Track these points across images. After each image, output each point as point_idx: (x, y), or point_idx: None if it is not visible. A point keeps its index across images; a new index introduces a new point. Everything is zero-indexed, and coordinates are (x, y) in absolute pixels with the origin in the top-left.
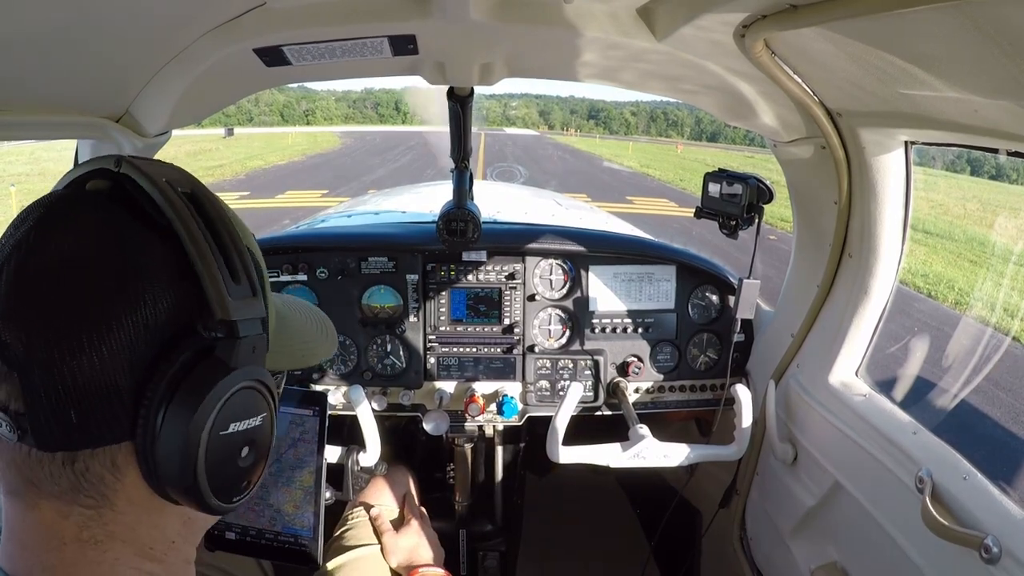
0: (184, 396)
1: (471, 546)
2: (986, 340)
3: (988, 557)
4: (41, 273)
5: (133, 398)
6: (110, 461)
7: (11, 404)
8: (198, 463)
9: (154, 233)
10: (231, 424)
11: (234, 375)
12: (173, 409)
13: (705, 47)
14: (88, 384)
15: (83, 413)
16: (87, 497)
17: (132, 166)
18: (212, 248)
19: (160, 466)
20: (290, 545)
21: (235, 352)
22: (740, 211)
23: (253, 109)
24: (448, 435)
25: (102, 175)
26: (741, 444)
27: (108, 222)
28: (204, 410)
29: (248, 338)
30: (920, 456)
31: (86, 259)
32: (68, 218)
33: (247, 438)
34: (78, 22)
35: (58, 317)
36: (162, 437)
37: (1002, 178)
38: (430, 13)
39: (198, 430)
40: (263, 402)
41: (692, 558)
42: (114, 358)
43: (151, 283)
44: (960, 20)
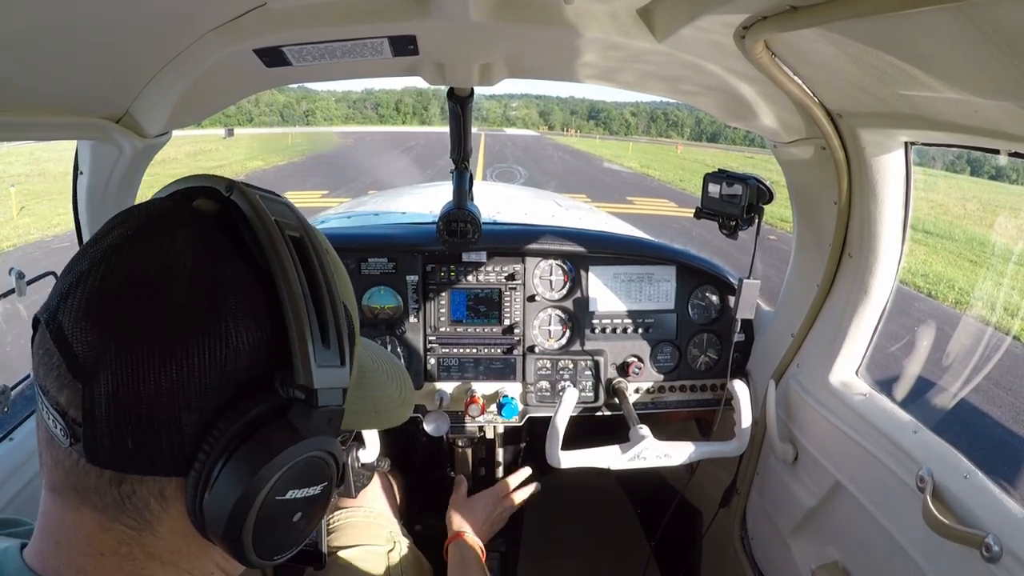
0: (247, 454)
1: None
2: (986, 339)
3: (989, 556)
4: (127, 285)
5: (194, 438)
6: (158, 491)
7: (70, 411)
8: (246, 523)
9: (251, 271)
10: (289, 491)
11: (304, 444)
12: (234, 463)
13: (705, 48)
14: (150, 413)
15: (139, 440)
16: (129, 518)
17: (243, 195)
18: (307, 303)
19: (208, 515)
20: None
21: (310, 420)
22: (740, 211)
23: (253, 109)
24: (448, 436)
25: (210, 195)
26: (742, 440)
27: (208, 247)
28: (265, 474)
29: (327, 408)
30: (921, 455)
31: (176, 279)
32: (168, 232)
33: (303, 505)
34: (78, 23)
35: (137, 338)
36: (216, 488)
37: (1002, 178)
38: (430, 13)
39: (255, 492)
40: (327, 471)
41: (692, 558)
42: (183, 391)
43: (237, 322)
44: (960, 21)
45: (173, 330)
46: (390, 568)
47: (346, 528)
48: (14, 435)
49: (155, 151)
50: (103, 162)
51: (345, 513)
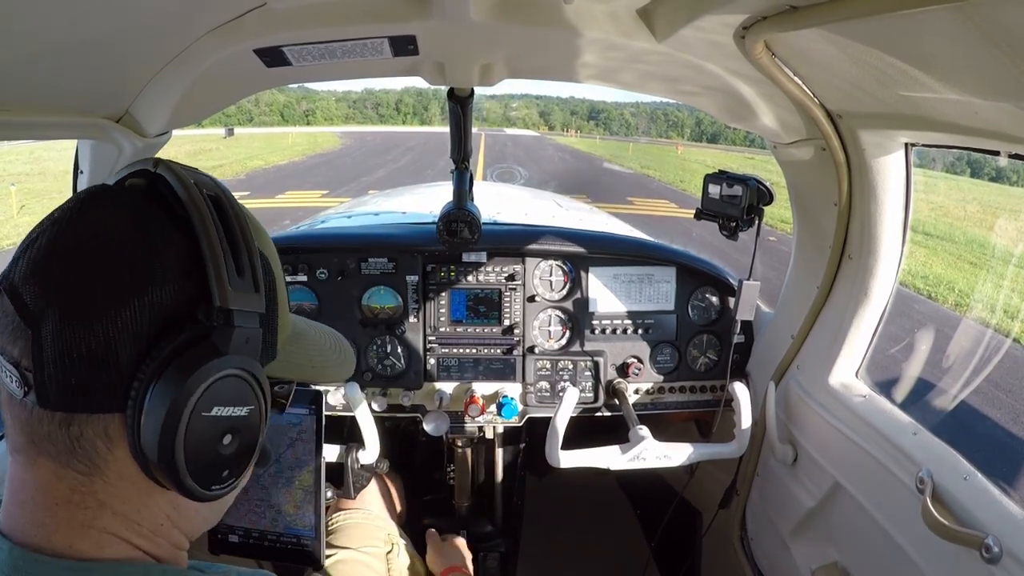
0: (172, 373)
1: (471, 547)
2: (986, 341)
3: (989, 557)
4: (70, 246)
5: (130, 372)
6: (103, 430)
7: (22, 360)
8: (176, 438)
9: (176, 227)
10: (215, 407)
11: (222, 360)
12: (161, 385)
13: (705, 48)
14: (91, 352)
15: (82, 378)
16: (80, 463)
17: (167, 167)
18: (223, 243)
19: (143, 442)
20: (292, 546)
21: (228, 340)
22: (740, 212)
23: (253, 109)
24: (448, 436)
25: (141, 175)
26: (741, 442)
27: (136, 211)
28: (188, 388)
29: (243, 328)
30: (920, 456)
31: (110, 240)
32: (102, 204)
33: (230, 425)
34: (78, 23)
35: (76, 287)
36: (148, 412)
37: (1002, 180)
38: (430, 14)
39: (180, 406)
40: (251, 394)
41: (692, 559)
42: (119, 332)
43: (164, 269)
44: (960, 21)
45: (108, 276)
46: (389, 569)
47: (345, 529)
48: None
49: (155, 151)
50: (103, 161)
51: (344, 515)
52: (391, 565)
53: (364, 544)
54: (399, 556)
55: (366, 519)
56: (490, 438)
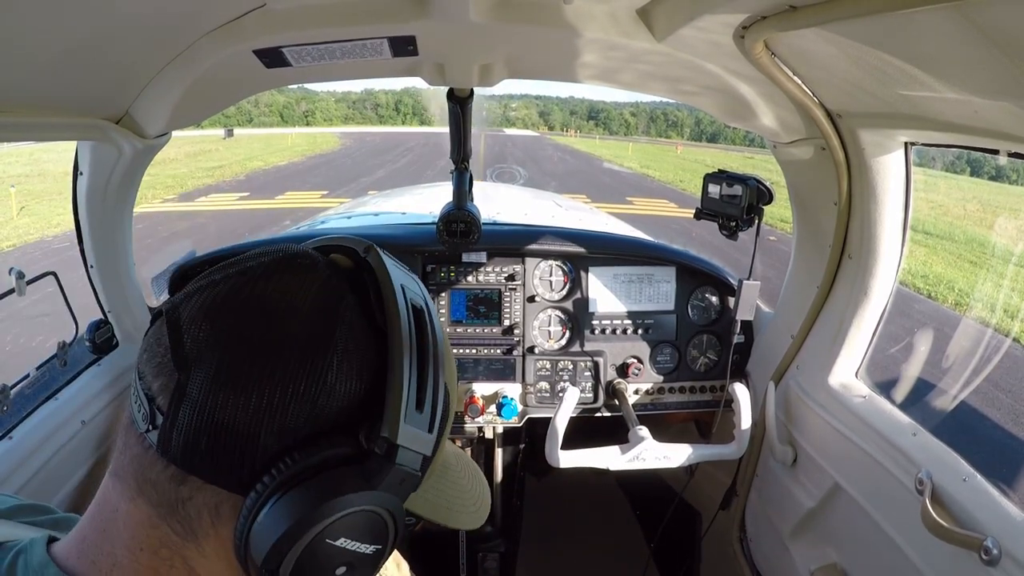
0: (314, 486)
1: (471, 547)
2: (986, 341)
3: (988, 559)
4: (254, 303)
5: (266, 460)
6: (215, 504)
7: (158, 397)
8: (288, 556)
9: (367, 324)
10: (342, 538)
11: (371, 495)
12: (297, 492)
13: (705, 48)
14: (235, 423)
15: (213, 443)
16: (179, 523)
17: (378, 257)
18: (412, 365)
19: (253, 540)
20: None
21: (383, 475)
22: (740, 212)
23: (253, 110)
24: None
25: (348, 253)
26: (741, 443)
27: (333, 290)
28: (324, 511)
29: (402, 468)
30: (920, 458)
31: (298, 313)
32: (303, 270)
33: (351, 559)
34: (78, 24)
35: (245, 349)
36: (270, 514)
37: (1002, 179)
38: (430, 14)
39: (307, 526)
40: (384, 535)
41: (692, 560)
42: (271, 412)
43: (340, 365)
44: (960, 21)
45: (280, 353)
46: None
47: None
48: (13, 434)
49: (155, 151)
50: (103, 163)
51: None
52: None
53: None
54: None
55: None
56: (490, 438)
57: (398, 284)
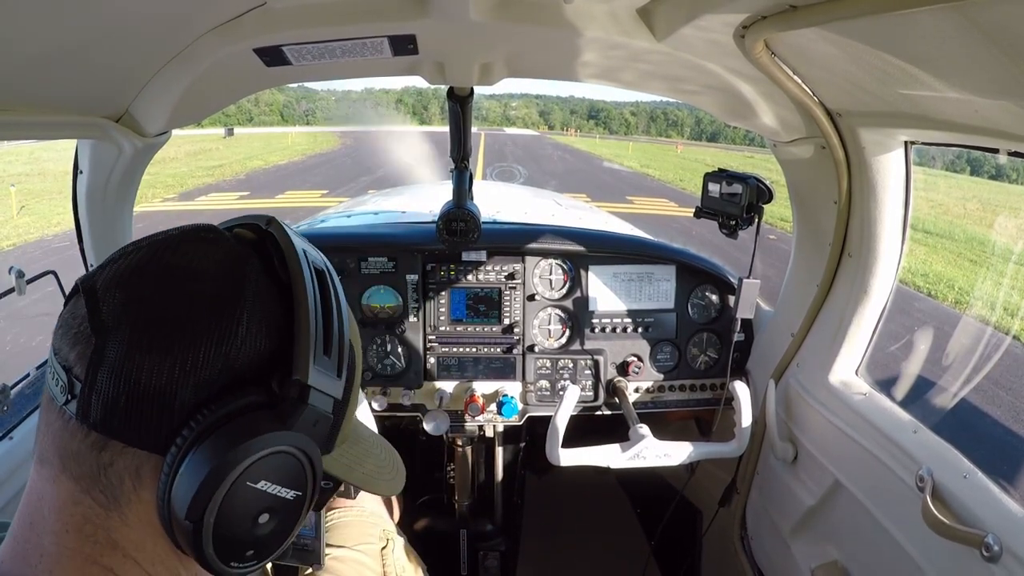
0: (229, 431)
1: (471, 546)
2: (986, 339)
3: (989, 555)
4: (165, 270)
5: (183, 417)
6: (135, 467)
7: (75, 366)
8: (212, 500)
9: (273, 284)
10: (262, 481)
11: (286, 434)
12: (213, 440)
13: (705, 47)
14: (151, 382)
15: (132, 405)
16: (101, 493)
17: (279, 227)
18: (317, 317)
19: (176, 493)
20: (293, 545)
21: (298, 416)
22: (740, 211)
23: (253, 109)
24: (448, 435)
25: (251, 228)
26: (741, 441)
27: (239, 259)
28: (241, 453)
29: (314, 409)
30: (920, 455)
31: (207, 277)
32: (208, 240)
33: (272, 504)
34: (78, 23)
35: (159, 312)
36: (190, 464)
37: (1002, 178)
38: (430, 13)
39: (227, 467)
40: (303, 480)
41: (693, 557)
42: (186, 372)
43: (251, 324)
44: (960, 20)
45: (191, 312)
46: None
47: (339, 527)
48: (14, 434)
49: (155, 150)
50: (103, 161)
51: (338, 513)
52: (386, 561)
53: (359, 542)
54: (395, 551)
55: (359, 516)
56: (490, 437)
57: (300, 249)
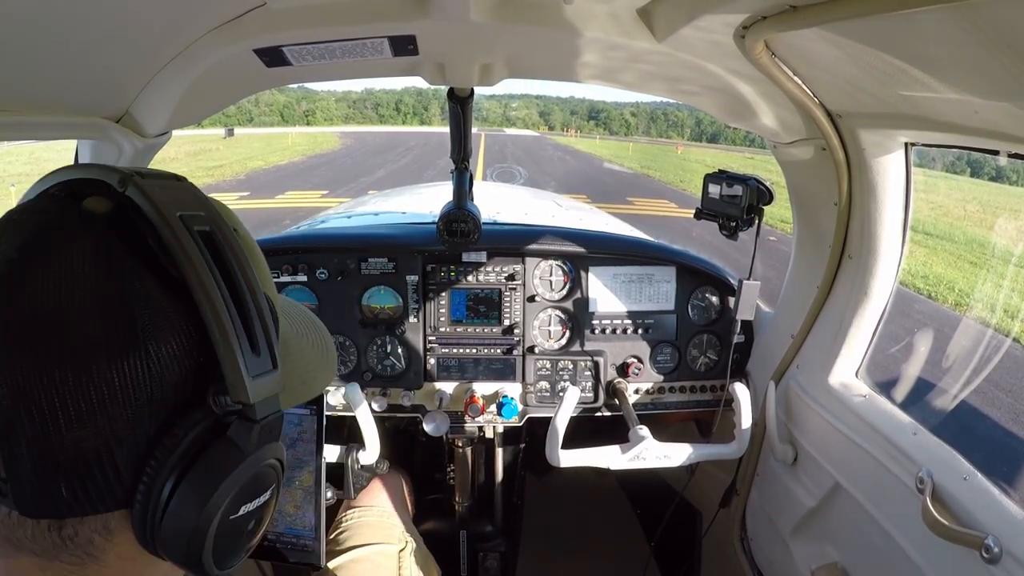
0: (194, 482)
1: (471, 547)
2: (986, 341)
3: (989, 557)
4: (27, 321)
5: (132, 471)
6: (102, 526)
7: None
8: (205, 547)
9: (161, 282)
10: (242, 507)
11: (249, 461)
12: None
13: (705, 48)
14: (77, 456)
15: (72, 485)
16: (71, 555)
17: (139, 191)
18: (229, 310)
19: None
20: (292, 546)
21: (252, 435)
22: (740, 212)
23: (253, 109)
24: (448, 436)
25: (102, 191)
26: (741, 442)
27: (109, 263)
28: (216, 500)
29: (267, 419)
30: (920, 457)
31: (80, 309)
32: (61, 251)
33: (256, 514)
34: (78, 23)
35: (45, 379)
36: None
37: (1002, 180)
38: (430, 14)
39: (209, 518)
40: (273, 475)
41: (692, 559)
42: (108, 428)
43: (156, 344)
44: (960, 21)
45: (86, 366)
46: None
47: (359, 527)
48: None
49: (155, 151)
50: (103, 162)
51: (358, 512)
52: (403, 563)
53: (378, 542)
54: (411, 554)
55: (379, 518)
56: (490, 438)
57: (174, 216)
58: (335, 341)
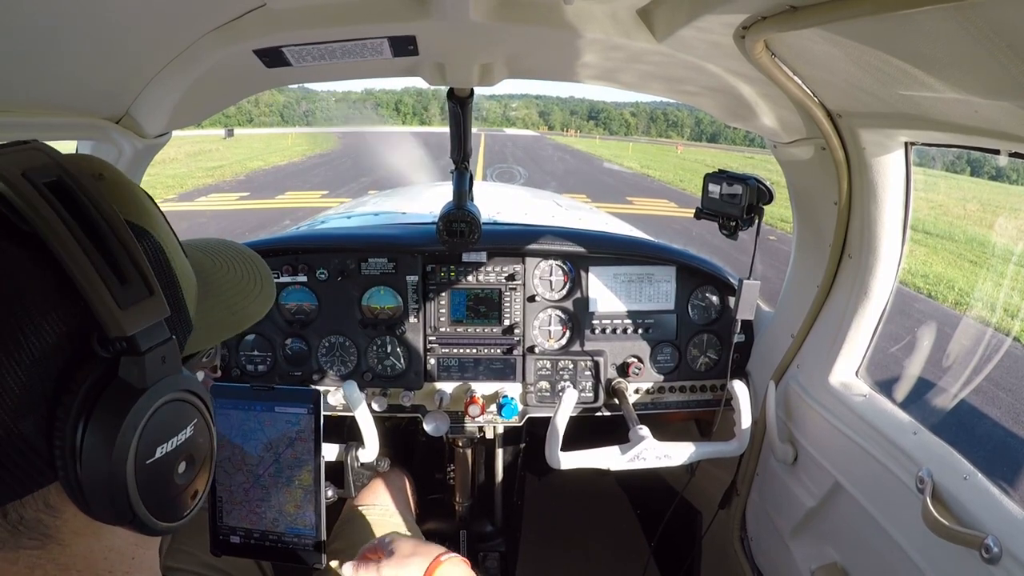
0: (96, 432)
1: (471, 546)
2: (986, 340)
3: (988, 557)
4: None
5: (45, 441)
6: (42, 503)
7: None
8: (130, 495)
9: (16, 243)
10: (157, 448)
11: (145, 398)
12: (88, 446)
13: (705, 48)
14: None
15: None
16: (29, 539)
17: None
18: (89, 251)
19: (93, 504)
20: (294, 545)
21: (142, 369)
22: (740, 212)
23: (253, 110)
24: (448, 436)
25: None
26: (742, 440)
27: None
28: (121, 444)
29: (154, 349)
30: (920, 456)
31: None
32: None
33: (180, 454)
34: (78, 24)
35: None
36: (85, 476)
37: (1002, 179)
38: (430, 14)
39: (121, 464)
40: (190, 409)
41: (692, 558)
42: (9, 407)
43: (28, 312)
44: (960, 21)
45: None
46: None
47: (363, 525)
48: None
49: (155, 151)
50: None
51: (362, 510)
52: None
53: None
54: None
55: (382, 516)
56: (490, 438)
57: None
58: (335, 341)
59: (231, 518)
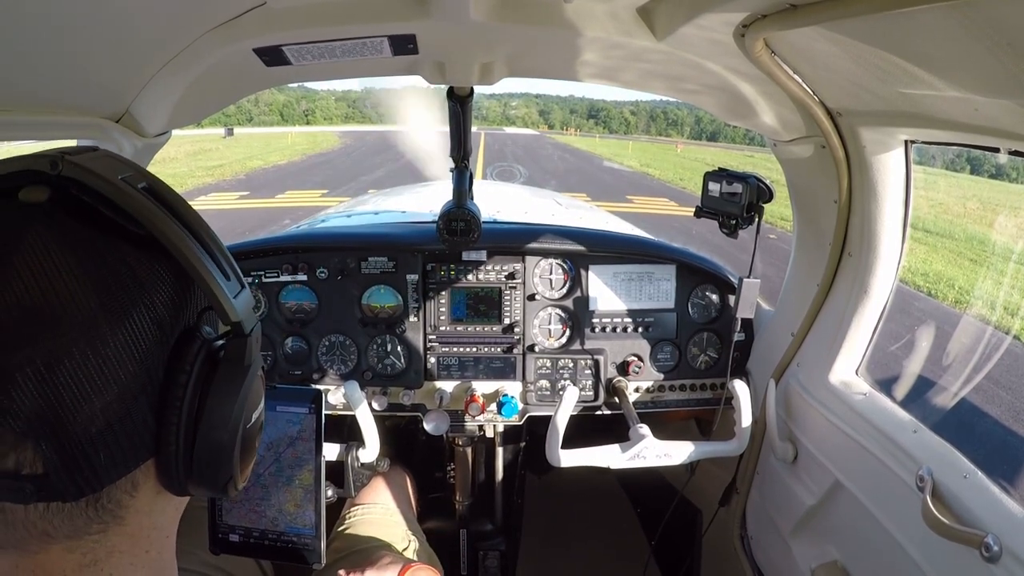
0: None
1: (471, 546)
2: (986, 339)
3: (989, 556)
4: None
5: (155, 418)
6: (130, 484)
7: (25, 469)
8: (234, 460)
9: (129, 243)
10: (253, 414)
11: (252, 371)
12: (208, 418)
13: (705, 46)
14: (107, 421)
15: (110, 450)
16: (100, 524)
17: (78, 167)
18: (197, 248)
19: (197, 471)
20: (293, 544)
21: (247, 348)
22: (740, 210)
23: (253, 109)
24: (448, 435)
25: (36, 179)
26: (742, 440)
27: (75, 243)
28: (236, 413)
29: (254, 332)
30: (920, 455)
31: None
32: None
33: (260, 420)
34: (78, 22)
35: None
36: (200, 444)
37: (1002, 177)
38: (430, 13)
39: (234, 432)
40: (262, 382)
41: (692, 557)
42: (126, 392)
43: (148, 298)
44: (960, 19)
45: (94, 340)
46: None
47: (362, 525)
48: None
49: (155, 151)
50: None
51: (363, 509)
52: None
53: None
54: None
55: (383, 515)
56: (490, 437)
57: (119, 180)
58: (335, 340)
59: (231, 516)
